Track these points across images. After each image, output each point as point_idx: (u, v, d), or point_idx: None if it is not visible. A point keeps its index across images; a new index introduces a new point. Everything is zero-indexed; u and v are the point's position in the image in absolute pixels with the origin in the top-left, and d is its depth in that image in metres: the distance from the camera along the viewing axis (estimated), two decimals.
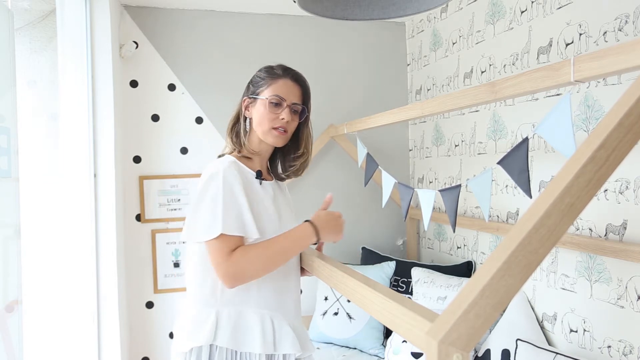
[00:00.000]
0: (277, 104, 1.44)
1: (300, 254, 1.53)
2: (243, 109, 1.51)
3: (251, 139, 1.49)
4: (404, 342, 2.18)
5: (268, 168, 1.59)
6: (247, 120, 1.50)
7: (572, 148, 1.18)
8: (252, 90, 1.50)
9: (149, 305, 2.71)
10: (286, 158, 1.58)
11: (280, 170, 1.60)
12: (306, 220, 1.43)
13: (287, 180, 1.64)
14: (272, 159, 1.59)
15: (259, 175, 1.46)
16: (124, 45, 2.59)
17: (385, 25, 3.10)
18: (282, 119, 1.44)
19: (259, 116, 1.45)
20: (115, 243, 2.33)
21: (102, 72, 2.33)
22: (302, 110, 1.50)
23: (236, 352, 1.35)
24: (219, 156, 1.52)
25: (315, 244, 1.42)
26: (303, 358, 1.48)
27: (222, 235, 1.31)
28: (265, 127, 1.45)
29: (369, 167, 2.31)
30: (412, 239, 3.04)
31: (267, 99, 1.44)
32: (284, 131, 1.46)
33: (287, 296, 1.46)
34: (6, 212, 1.80)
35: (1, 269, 1.78)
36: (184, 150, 2.77)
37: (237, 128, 1.50)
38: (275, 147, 1.54)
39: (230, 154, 1.49)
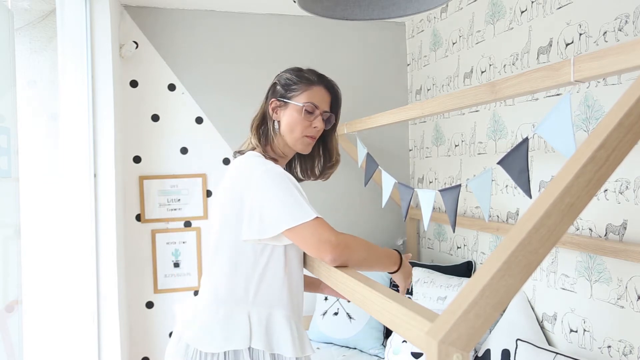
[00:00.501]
0: (311, 112, 1.44)
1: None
2: (270, 111, 1.47)
3: (277, 142, 1.46)
4: (404, 342, 2.18)
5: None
6: (275, 122, 1.46)
7: (572, 148, 1.18)
8: (281, 93, 1.46)
9: (149, 305, 2.71)
10: (307, 164, 1.59)
11: (300, 174, 1.60)
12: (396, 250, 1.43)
13: None
14: (289, 162, 1.58)
15: None
16: (124, 45, 2.59)
17: (385, 25, 3.10)
18: (315, 127, 1.44)
19: (292, 122, 1.43)
20: (115, 243, 2.33)
21: (102, 72, 2.33)
22: (329, 117, 1.49)
23: (272, 354, 1.33)
24: (239, 152, 1.48)
25: (391, 272, 1.40)
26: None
27: (317, 217, 1.25)
28: (297, 134, 1.43)
29: (369, 167, 2.31)
30: (412, 239, 3.04)
31: (302, 106, 1.42)
32: (313, 139, 1.46)
33: (300, 299, 1.46)
34: (6, 212, 1.80)
35: (1, 269, 1.78)
36: (184, 150, 2.77)
37: (264, 129, 1.47)
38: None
39: (252, 150, 1.46)
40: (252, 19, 2.88)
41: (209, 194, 2.79)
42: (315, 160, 1.59)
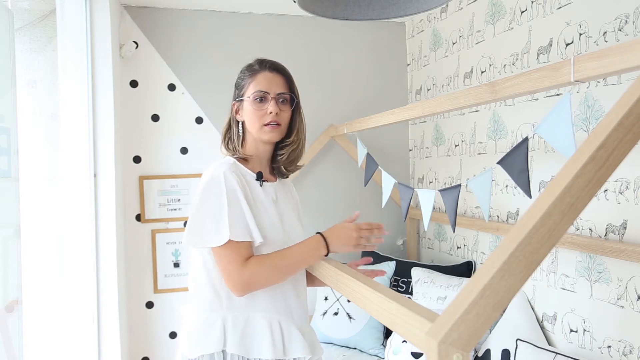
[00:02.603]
0: (261, 99, 1.42)
1: None
2: (234, 114, 1.49)
3: (247, 141, 1.47)
4: (404, 342, 2.18)
5: (273, 168, 1.56)
6: (240, 124, 1.47)
7: (572, 148, 1.18)
8: (237, 93, 1.48)
9: (149, 305, 2.71)
10: (275, 152, 1.53)
11: (283, 168, 1.57)
12: (318, 233, 1.39)
13: (291, 177, 1.62)
14: (274, 157, 1.55)
15: (260, 176, 1.43)
16: (124, 45, 2.59)
17: (385, 25, 3.10)
18: (270, 112, 1.41)
19: (249, 116, 1.43)
20: (115, 243, 2.33)
21: (102, 72, 2.33)
22: (290, 98, 1.46)
23: (247, 359, 1.33)
24: None
25: (326, 255, 1.38)
26: None
27: (230, 242, 1.29)
28: (256, 125, 1.42)
29: (369, 167, 2.31)
30: (412, 239, 3.04)
31: (250, 97, 1.42)
32: (277, 124, 1.42)
33: (293, 300, 1.44)
34: (6, 212, 1.80)
35: (1, 269, 1.78)
36: (184, 150, 2.77)
37: (230, 134, 1.48)
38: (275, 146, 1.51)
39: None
40: (252, 19, 2.88)
41: None
42: (278, 144, 1.53)
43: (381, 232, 1.41)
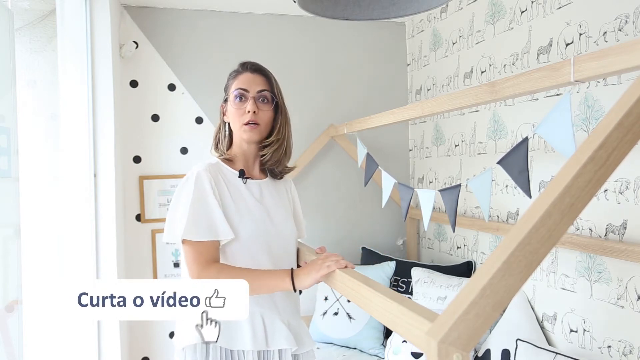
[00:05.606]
0: (241, 97, 1.45)
1: (299, 253, 1.55)
2: (222, 116, 1.54)
3: (234, 141, 1.51)
4: (404, 342, 2.18)
5: (262, 166, 1.57)
6: (227, 124, 1.52)
7: (572, 148, 1.18)
8: (224, 96, 1.53)
9: None
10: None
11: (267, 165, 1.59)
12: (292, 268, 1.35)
13: (290, 176, 1.64)
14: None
15: (242, 174, 1.47)
16: (124, 45, 2.59)
17: (385, 25, 3.10)
18: (248, 111, 1.43)
19: (231, 116, 1.47)
20: (115, 243, 2.33)
21: (102, 72, 2.33)
22: (271, 97, 1.47)
23: (230, 350, 1.37)
24: None
25: (294, 290, 1.34)
26: (302, 354, 1.49)
27: (191, 241, 1.33)
28: (237, 125, 1.46)
29: (369, 167, 2.31)
30: (412, 239, 3.04)
31: (231, 96, 1.47)
32: (256, 124, 1.44)
33: (279, 293, 1.45)
34: (6, 212, 1.80)
35: (1, 269, 1.78)
36: (184, 150, 2.77)
37: (219, 135, 1.54)
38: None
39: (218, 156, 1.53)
40: (252, 19, 2.88)
41: None
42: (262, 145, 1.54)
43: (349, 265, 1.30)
